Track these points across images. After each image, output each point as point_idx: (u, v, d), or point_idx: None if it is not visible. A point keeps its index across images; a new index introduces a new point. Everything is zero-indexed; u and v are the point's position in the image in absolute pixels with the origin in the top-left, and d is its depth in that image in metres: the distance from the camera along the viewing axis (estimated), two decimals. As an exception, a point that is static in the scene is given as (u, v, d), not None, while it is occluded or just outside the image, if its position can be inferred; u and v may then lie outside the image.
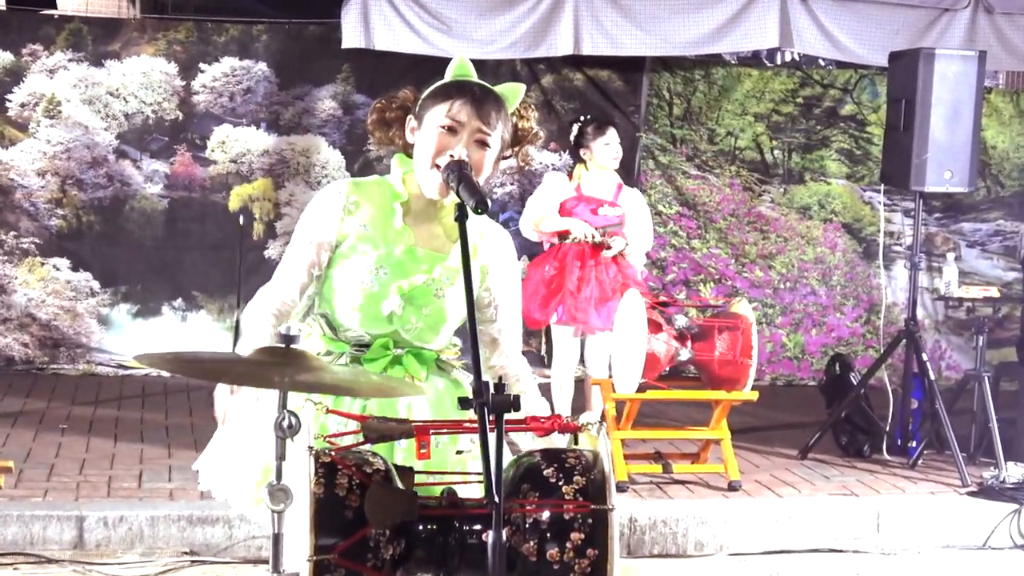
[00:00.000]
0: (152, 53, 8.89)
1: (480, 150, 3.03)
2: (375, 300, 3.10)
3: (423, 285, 3.11)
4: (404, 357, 3.16)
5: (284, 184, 9.05)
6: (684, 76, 9.55)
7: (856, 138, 9.82)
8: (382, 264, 3.10)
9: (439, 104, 3.05)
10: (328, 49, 8.83)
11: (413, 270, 3.11)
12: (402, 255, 3.10)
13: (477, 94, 3.05)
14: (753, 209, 9.70)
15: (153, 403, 8.02)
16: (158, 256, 9.01)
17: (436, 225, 3.16)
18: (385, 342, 3.14)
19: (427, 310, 3.12)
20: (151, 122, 8.92)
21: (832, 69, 9.73)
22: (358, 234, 3.11)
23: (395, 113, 3.17)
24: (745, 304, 6.52)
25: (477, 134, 3.03)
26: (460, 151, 3.00)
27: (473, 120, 3.02)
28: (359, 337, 3.15)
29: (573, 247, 6.96)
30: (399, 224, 3.11)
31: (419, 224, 3.14)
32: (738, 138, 9.68)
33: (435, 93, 3.09)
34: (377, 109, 3.20)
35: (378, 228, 3.12)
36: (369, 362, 3.14)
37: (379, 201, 3.14)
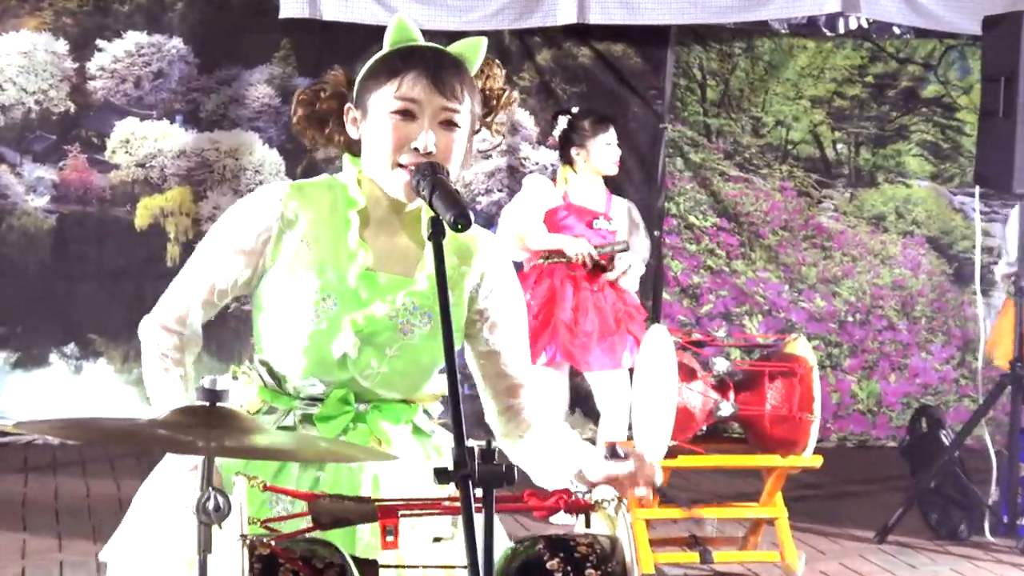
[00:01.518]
0: (35, 27, 8.89)
1: (448, 132, 3.02)
2: (323, 339, 3.08)
3: (384, 319, 3.09)
4: (368, 414, 3.15)
5: (206, 194, 9.06)
6: (720, 50, 9.57)
7: (943, 128, 9.85)
8: (329, 293, 3.07)
9: (384, 84, 3.03)
10: (262, 21, 8.84)
11: (371, 299, 3.09)
12: (356, 280, 3.08)
13: (430, 62, 3.03)
14: (811, 220, 9.71)
15: (39, 479, 7.99)
16: (44, 288, 8.98)
17: (399, 238, 3.14)
18: (344, 395, 3.12)
19: (392, 350, 3.10)
20: (34, 116, 8.91)
21: (910, 39, 9.76)
22: (298, 253, 3.09)
23: (327, 104, 3.15)
24: (803, 343, 6.52)
25: (441, 113, 3.01)
26: (425, 139, 2.99)
27: (432, 96, 3.01)
28: (310, 387, 3.13)
29: (561, 268, 7.07)
30: (354, 241, 3.09)
31: (378, 238, 3.12)
32: (791, 129, 9.70)
33: (375, 70, 3.07)
34: (302, 102, 3.18)
35: (325, 245, 3.09)
36: (324, 421, 3.12)
37: (328, 210, 3.12)
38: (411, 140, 2.99)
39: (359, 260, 3.08)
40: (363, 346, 3.08)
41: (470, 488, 2.50)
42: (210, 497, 2.63)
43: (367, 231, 3.12)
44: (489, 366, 3.22)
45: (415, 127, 3.00)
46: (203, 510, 2.63)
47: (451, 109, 3.02)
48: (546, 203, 7.16)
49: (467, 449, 2.52)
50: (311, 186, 3.16)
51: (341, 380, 3.11)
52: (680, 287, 9.56)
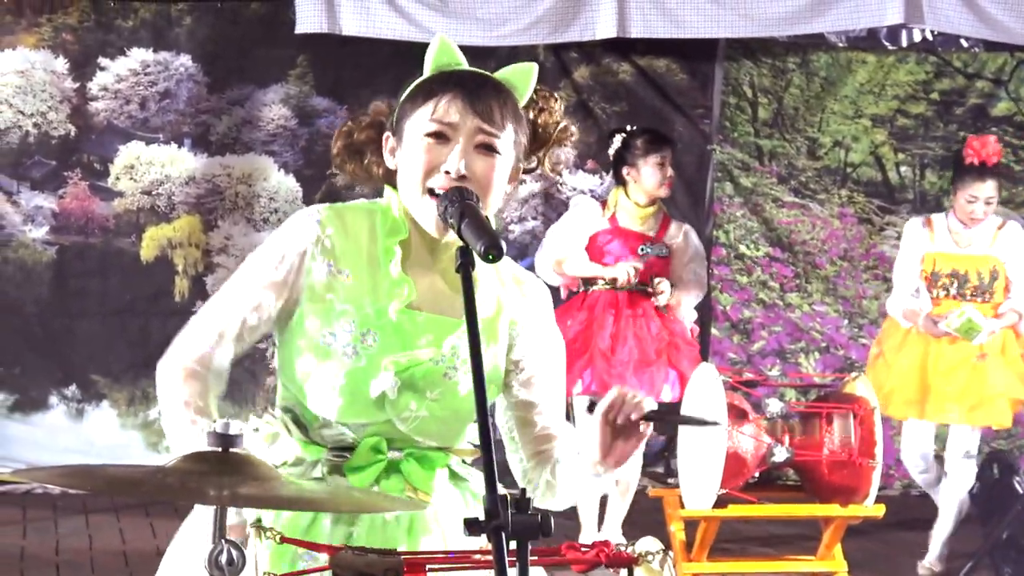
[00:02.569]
0: (33, 44, 8.95)
1: (486, 157, 3.01)
2: (361, 377, 3.07)
3: (428, 362, 3.09)
4: (403, 462, 3.14)
5: (217, 223, 9.09)
6: (773, 66, 9.58)
7: (1015, 148, 9.83)
8: (369, 328, 3.08)
9: (420, 106, 3.04)
10: (277, 36, 8.89)
11: (413, 340, 3.09)
12: (398, 316, 3.09)
13: (469, 84, 3.04)
14: (873, 249, 9.69)
15: (38, 530, 8.01)
16: (43, 326, 9.03)
17: (438, 275, 3.15)
18: (376, 443, 3.11)
19: (434, 394, 3.10)
20: (32, 140, 8.96)
21: (979, 52, 9.76)
22: (334, 285, 3.10)
23: (365, 134, 3.15)
24: (864, 382, 6.51)
25: (478, 136, 3.01)
26: (457, 163, 2.99)
27: (469, 118, 3.01)
28: (339, 437, 3.13)
29: (604, 295, 7.16)
30: (396, 273, 3.08)
31: (419, 273, 3.12)
32: (850, 150, 9.69)
33: (412, 94, 3.08)
34: (343, 133, 3.17)
35: (364, 276, 3.10)
36: (354, 472, 3.11)
37: (367, 237, 3.12)
38: (442, 163, 2.99)
39: (402, 295, 3.08)
40: (403, 388, 3.09)
41: (503, 540, 2.50)
42: (223, 550, 2.64)
43: (407, 264, 3.11)
44: (522, 416, 3.23)
45: (447, 150, 3.00)
46: (215, 564, 2.64)
47: (489, 133, 3.01)
48: (591, 227, 7.21)
49: (500, 497, 2.52)
50: (350, 210, 3.15)
51: (376, 423, 3.10)
52: (730, 322, 9.55)
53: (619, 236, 7.23)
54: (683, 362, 7.19)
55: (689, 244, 7.41)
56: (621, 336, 7.10)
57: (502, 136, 3.02)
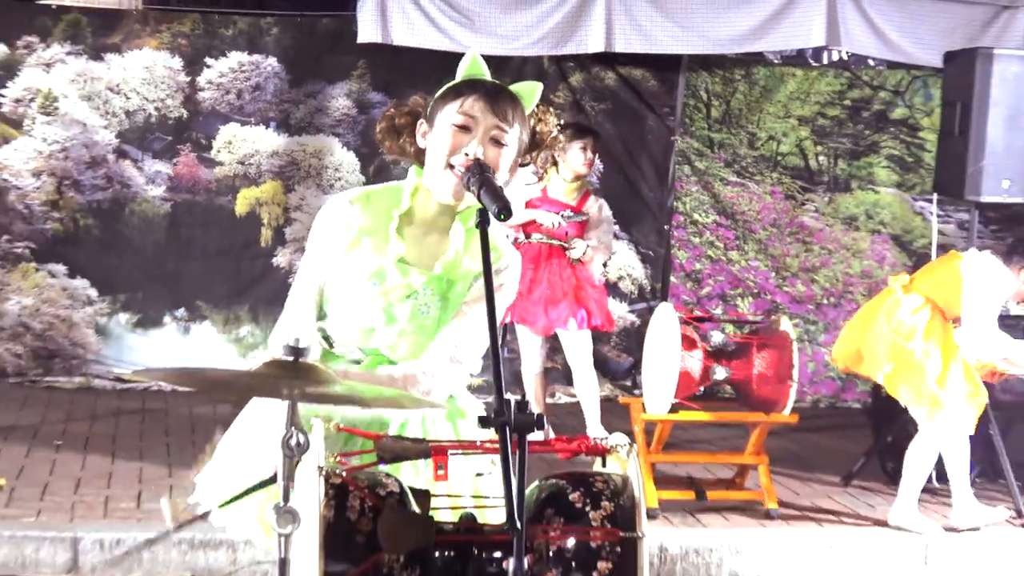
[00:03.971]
0: (155, 46, 8.93)
1: (496, 148, 3.05)
2: (361, 314, 3.15)
3: (408, 301, 3.14)
4: None
5: (294, 188, 9.08)
6: (723, 76, 9.54)
7: (907, 144, 9.79)
8: (373, 277, 3.14)
9: (451, 102, 3.08)
10: (342, 44, 8.85)
11: (399, 284, 3.14)
12: (393, 267, 3.13)
13: (491, 90, 3.07)
14: (795, 219, 9.67)
15: (153, 419, 8.04)
16: (159, 263, 9.03)
17: (431, 236, 3.17)
18: (381, 360, 3.16)
19: (409, 327, 3.15)
20: (153, 120, 8.95)
21: (882, 70, 9.70)
22: (357, 245, 3.16)
23: (405, 119, 3.19)
24: (786, 321, 6.51)
25: (493, 131, 3.05)
26: (475, 148, 3.02)
27: (488, 116, 3.05)
28: (352, 352, 3.18)
29: (529, 248, 7.23)
30: (392, 235, 3.14)
31: (418, 235, 3.17)
32: (781, 143, 9.66)
33: (446, 93, 3.12)
34: (387, 116, 3.22)
35: (380, 241, 3.15)
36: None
37: (383, 211, 3.17)
38: (464, 147, 3.03)
39: (394, 251, 3.14)
40: (387, 323, 3.14)
41: (507, 433, 2.51)
42: (293, 435, 2.65)
43: (409, 228, 3.16)
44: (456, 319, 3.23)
45: (469, 138, 3.04)
46: (287, 445, 2.65)
47: (501, 128, 3.05)
48: (526, 194, 7.30)
49: (505, 401, 2.53)
50: (376, 192, 3.22)
51: (369, 349, 3.16)
52: (685, 272, 9.54)
53: (547, 203, 7.32)
54: (590, 302, 7.31)
55: (601, 214, 7.41)
56: (538, 280, 7.25)
57: (510, 132, 3.06)
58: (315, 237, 3.21)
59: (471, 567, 2.71)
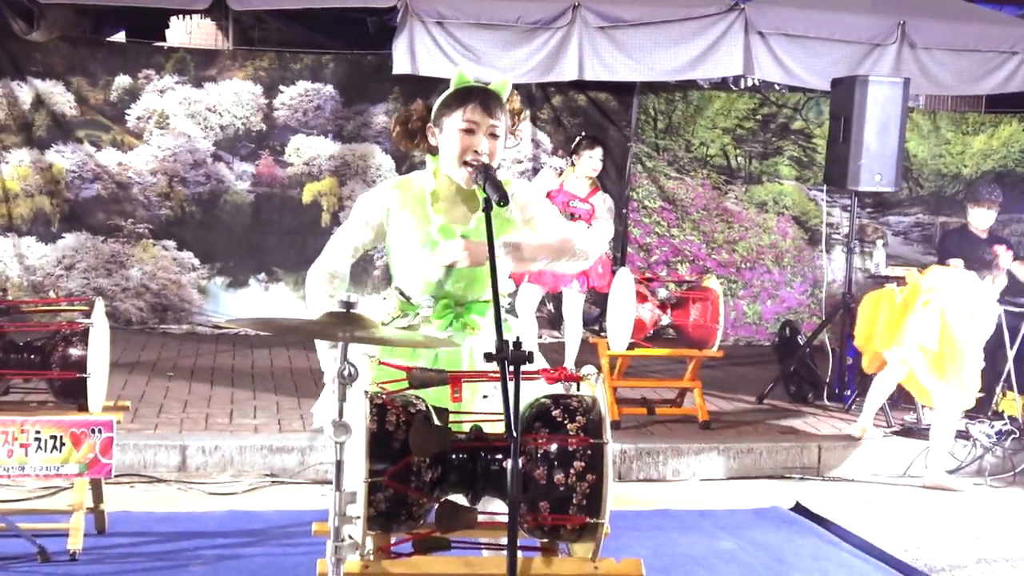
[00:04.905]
0: (242, 77, 8.87)
1: (493, 140, 3.09)
2: (423, 271, 3.12)
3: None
4: (463, 313, 3.16)
5: (346, 182, 9.04)
6: (667, 97, 9.48)
7: (804, 148, 9.75)
8: (424, 243, 3.12)
9: (455, 111, 3.08)
10: (382, 74, 8.79)
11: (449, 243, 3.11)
12: (438, 232, 3.11)
13: (483, 97, 3.09)
14: (720, 204, 9.64)
15: (242, 356, 8.03)
16: (246, 239, 9.01)
17: (460, 204, 3.18)
18: (447, 302, 3.15)
19: (467, 271, 3.13)
20: (240, 132, 8.90)
21: (785, 92, 9.65)
22: (404, 222, 3.14)
23: (415, 124, 3.19)
24: (714, 280, 6.49)
25: (490, 128, 3.08)
26: (482, 145, 3.04)
27: (485, 119, 3.07)
28: (427, 301, 3.16)
29: None
30: (431, 209, 3.13)
31: (448, 206, 3.16)
32: (709, 147, 9.62)
33: (448, 102, 3.12)
34: (399, 121, 3.21)
35: (417, 215, 3.14)
36: (437, 318, 3.15)
37: (416, 194, 3.17)
38: (473, 147, 3.05)
39: (436, 222, 3.12)
40: (445, 272, 3.11)
41: (506, 365, 2.50)
42: (346, 367, 2.64)
43: (439, 204, 3.15)
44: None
45: (475, 138, 3.05)
46: (341, 375, 2.63)
47: (495, 125, 3.08)
48: (547, 186, 7.16)
49: (504, 342, 2.51)
50: (408, 179, 3.21)
51: (442, 293, 3.13)
52: (639, 245, 9.51)
53: (562, 194, 7.19)
54: (590, 272, 7.12)
55: (604, 205, 7.25)
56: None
57: (500, 124, 3.09)
58: (360, 208, 3.20)
59: (479, 466, 2.71)
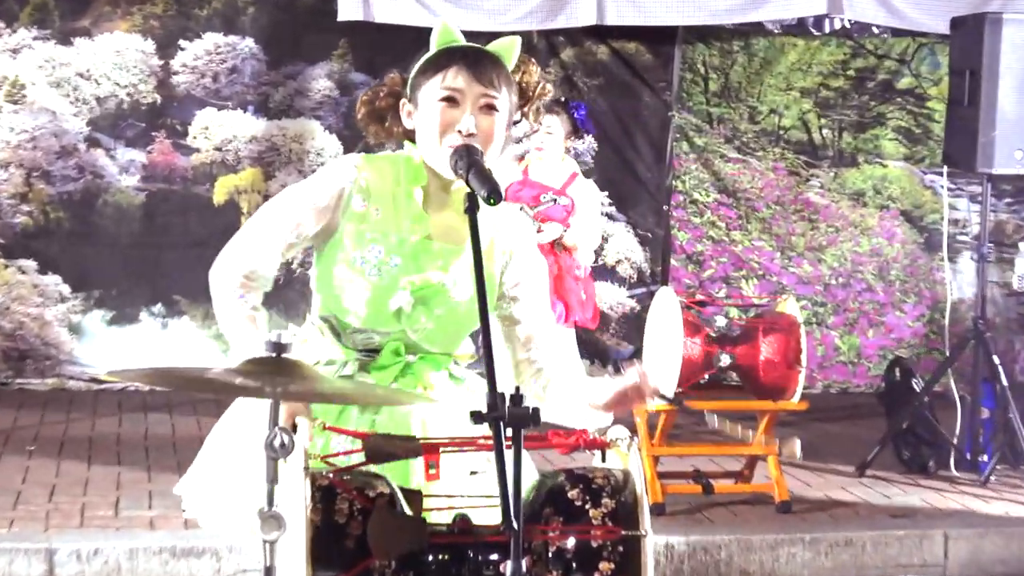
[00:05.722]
0: (126, 29, 8.90)
1: (488, 116, 3.05)
2: (383, 294, 3.10)
3: (438, 284, 3.10)
4: (415, 364, 3.16)
5: (275, 174, 9.06)
6: (721, 48, 9.52)
7: (915, 115, 9.79)
8: (393, 253, 3.09)
9: (432, 77, 3.07)
10: (322, 23, 8.82)
11: (427, 264, 3.10)
12: (416, 245, 3.10)
13: (471, 57, 3.06)
14: (800, 196, 9.67)
15: (131, 420, 8.02)
16: (135, 256, 9.01)
17: (449, 212, 3.15)
18: (396, 347, 3.14)
19: (440, 311, 3.12)
20: (126, 106, 8.93)
21: (887, 38, 9.69)
22: (367, 216, 3.11)
23: (385, 101, 3.19)
24: (792, 303, 6.50)
25: (482, 99, 3.05)
26: (467, 121, 3.02)
27: (473, 85, 3.04)
28: (367, 340, 3.14)
29: None
30: (417, 211, 3.11)
31: (434, 211, 3.14)
32: (782, 116, 9.65)
33: (424, 68, 3.10)
34: (364, 102, 3.21)
35: (390, 212, 3.11)
36: (379, 370, 3.14)
37: (392, 181, 3.14)
38: (455, 123, 3.02)
39: (421, 228, 3.11)
40: (416, 305, 3.10)
41: (501, 428, 2.50)
42: (277, 435, 2.64)
43: (426, 203, 3.14)
44: (508, 329, 3.25)
45: (459, 112, 3.03)
46: (271, 447, 2.64)
47: (490, 95, 3.05)
48: (506, 180, 7.11)
49: (499, 395, 2.52)
50: (380, 159, 3.19)
51: (393, 332, 3.12)
52: (686, 254, 9.54)
53: (527, 186, 7.19)
54: (570, 296, 7.11)
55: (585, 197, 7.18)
56: None
57: (499, 97, 3.07)
58: (310, 183, 3.14)
59: (466, 570, 2.70)
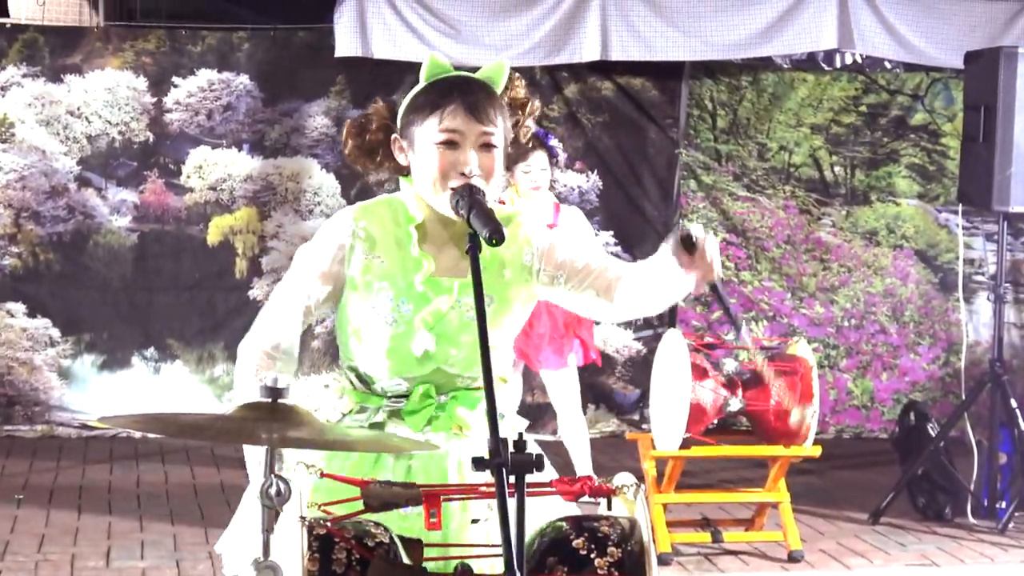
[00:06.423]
0: (118, 66, 8.94)
1: (488, 153, 3.07)
2: (403, 340, 3.11)
3: (448, 310, 3.10)
4: (448, 404, 3.15)
5: (270, 214, 9.07)
6: (729, 83, 9.55)
7: (929, 152, 9.80)
8: (402, 298, 3.11)
9: (427, 118, 3.07)
10: (319, 58, 8.86)
11: (439, 298, 3.11)
12: (423, 285, 3.11)
13: (467, 95, 3.07)
14: (811, 235, 9.67)
15: (122, 468, 8.02)
16: (127, 299, 9.02)
17: (451, 247, 3.16)
18: (426, 390, 3.13)
19: (465, 337, 3.12)
20: (117, 145, 8.95)
21: (900, 72, 9.71)
22: (371, 266, 3.12)
23: (375, 136, 3.18)
24: (804, 345, 6.50)
25: (481, 138, 3.06)
26: (471, 162, 3.03)
27: (472, 124, 3.05)
28: (396, 386, 3.15)
29: None
30: (416, 252, 3.12)
31: (435, 248, 3.15)
32: (793, 153, 9.66)
33: (417, 105, 3.10)
34: (351, 134, 3.20)
35: (393, 258, 3.12)
36: (410, 415, 3.14)
37: (392, 226, 3.15)
38: (457, 166, 3.03)
39: (424, 268, 3.11)
40: (439, 341, 3.11)
41: (504, 475, 2.50)
42: (272, 483, 2.64)
43: (425, 243, 3.14)
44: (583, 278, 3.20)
45: (459, 154, 3.04)
46: (266, 495, 2.63)
47: (488, 133, 3.06)
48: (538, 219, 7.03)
49: (501, 440, 2.52)
50: (374, 205, 3.19)
51: (424, 375, 3.12)
52: (693, 296, 9.51)
53: None
54: (583, 331, 7.07)
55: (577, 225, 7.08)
56: (536, 312, 6.96)
57: (496, 132, 3.09)
58: (309, 251, 3.17)
59: (469, 622, 2.70)
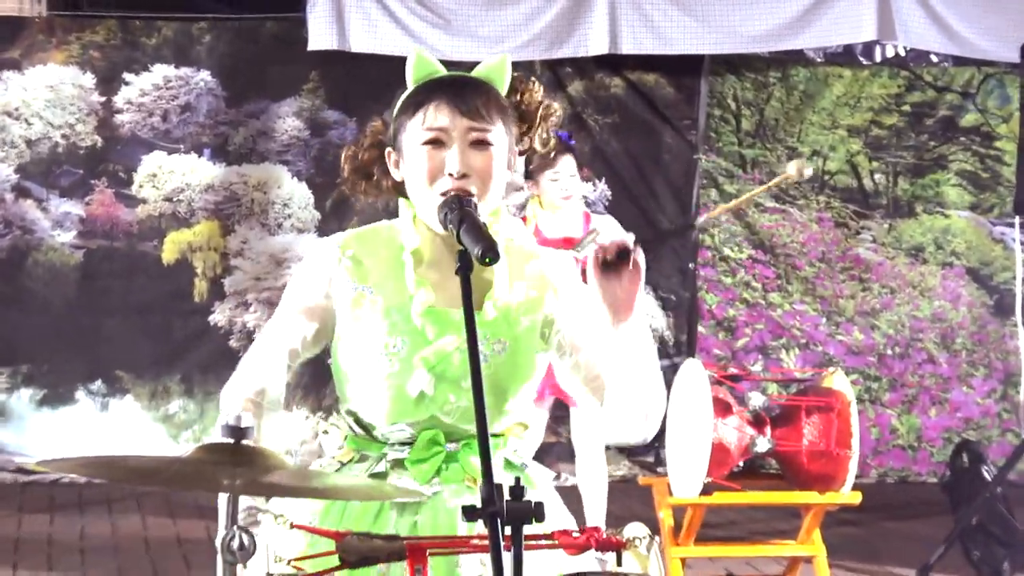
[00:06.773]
0: (62, 61, 8.95)
1: (481, 152, 3.04)
2: (398, 380, 3.08)
3: (455, 352, 3.08)
4: (460, 452, 3.13)
5: (234, 228, 9.08)
6: (755, 80, 9.57)
7: (981, 157, 9.82)
8: (398, 335, 3.09)
9: (411, 117, 3.07)
10: (290, 52, 8.87)
11: (439, 334, 3.08)
12: (421, 319, 3.09)
13: (452, 88, 3.07)
14: (849, 252, 9.68)
15: (64, 518, 8.00)
16: (71, 325, 9.02)
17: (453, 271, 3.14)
18: (433, 435, 3.10)
19: (467, 382, 3.09)
20: (60, 150, 8.96)
21: (948, 67, 9.74)
22: (362, 300, 3.11)
23: (369, 154, 3.18)
24: (841, 377, 6.49)
25: (470, 134, 3.03)
26: (456, 162, 3.00)
27: (458, 119, 3.03)
28: (399, 432, 3.12)
29: None
30: (411, 281, 3.09)
31: (437, 275, 3.13)
32: (828, 159, 9.68)
33: (403, 109, 3.11)
34: (348, 158, 3.20)
35: (388, 289, 3.11)
36: (416, 464, 3.11)
37: (385, 254, 3.14)
38: (444, 168, 3.01)
39: (420, 299, 3.09)
40: (438, 382, 3.09)
41: (498, 526, 2.49)
42: (235, 536, 2.62)
43: (426, 269, 3.12)
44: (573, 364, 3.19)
45: (447, 153, 3.02)
46: (228, 549, 2.62)
47: (480, 129, 3.04)
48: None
49: (495, 486, 2.51)
50: (367, 232, 3.19)
51: (423, 420, 3.10)
52: (715, 320, 9.53)
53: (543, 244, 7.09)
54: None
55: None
56: None
57: (493, 129, 3.06)
58: (298, 283, 3.17)
59: None
